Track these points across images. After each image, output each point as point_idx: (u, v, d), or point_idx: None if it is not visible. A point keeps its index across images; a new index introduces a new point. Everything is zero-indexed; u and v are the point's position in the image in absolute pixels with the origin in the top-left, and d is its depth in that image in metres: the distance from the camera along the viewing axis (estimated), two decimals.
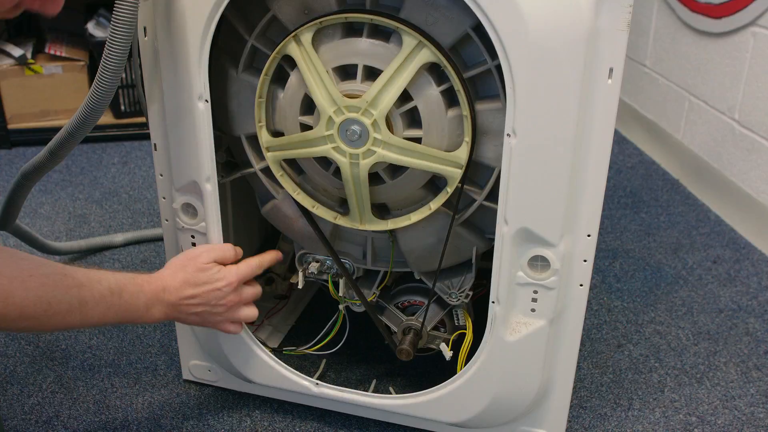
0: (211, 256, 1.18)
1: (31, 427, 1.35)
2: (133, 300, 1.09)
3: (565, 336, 1.17)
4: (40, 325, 1.00)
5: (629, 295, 1.75)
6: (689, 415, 1.41)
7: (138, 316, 1.11)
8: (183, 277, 1.15)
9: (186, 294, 1.15)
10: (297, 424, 1.37)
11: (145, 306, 1.11)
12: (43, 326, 1.00)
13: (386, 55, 1.05)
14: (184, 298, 1.15)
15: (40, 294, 0.97)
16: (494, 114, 1.06)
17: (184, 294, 1.15)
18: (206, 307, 1.17)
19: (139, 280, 1.12)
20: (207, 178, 1.17)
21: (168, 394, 1.43)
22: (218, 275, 1.17)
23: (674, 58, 2.33)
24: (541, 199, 1.05)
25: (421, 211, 1.14)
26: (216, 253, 1.19)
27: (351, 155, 1.09)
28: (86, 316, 1.03)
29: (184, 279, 1.15)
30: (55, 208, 2.07)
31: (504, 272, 1.11)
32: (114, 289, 1.07)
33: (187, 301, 1.15)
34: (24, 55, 2.38)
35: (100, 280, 1.05)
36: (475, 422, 1.25)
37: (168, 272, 1.16)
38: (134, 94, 2.47)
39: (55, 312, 0.99)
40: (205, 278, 1.16)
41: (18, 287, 0.95)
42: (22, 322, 0.97)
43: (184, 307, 1.15)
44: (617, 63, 0.98)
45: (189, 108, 1.13)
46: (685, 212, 2.12)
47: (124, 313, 1.09)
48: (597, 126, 1.01)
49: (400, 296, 1.32)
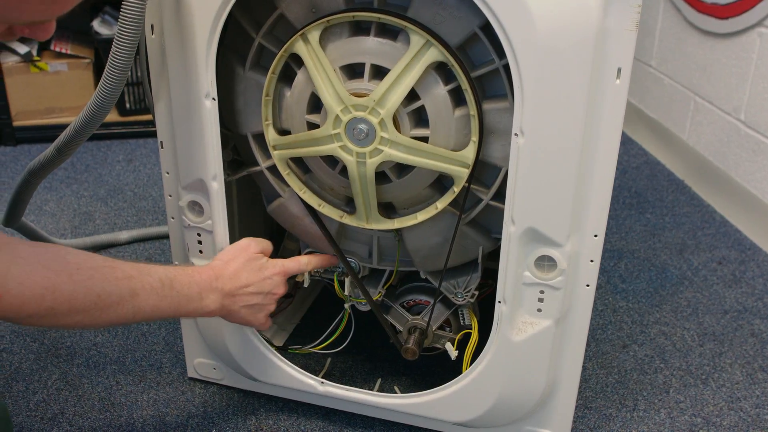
0: (259, 247, 1.18)
1: (37, 423, 1.35)
2: (186, 290, 1.07)
3: (571, 336, 1.17)
4: (92, 319, 0.98)
5: (634, 295, 1.75)
6: (694, 416, 1.41)
7: (192, 308, 1.09)
8: (235, 266, 1.14)
9: (241, 282, 1.13)
10: (302, 423, 1.36)
11: (199, 295, 1.09)
12: (95, 320, 0.98)
13: (394, 54, 1.05)
14: (239, 287, 1.13)
15: (89, 286, 0.96)
16: (501, 113, 1.06)
17: (240, 282, 1.13)
18: (259, 298, 1.16)
19: (189, 270, 1.10)
20: (213, 176, 1.17)
21: (173, 391, 1.43)
22: (269, 264, 1.17)
23: (680, 58, 2.32)
24: (549, 199, 1.04)
25: (428, 211, 1.14)
26: (263, 245, 1.19)
27: (358, 154, 1.09)
28: (138, 309, 1.01)
29: (237, 267, 1.14)
30: (60, 206, 2.07)
31: (510, 272, 1.11)
32: (164, 280, 1.05)
33: (243, 290, 1.14)
34: (30, 53, 2.38)
35: (149, 272, 1.04)
36: (481, 422, 1.25)
37: (219, 262, 1.15)
38: (139, 92, 2.47)
39: (105, 305, 0.97)
40: (258, 266, 1.16)
41: (65, 280, 0.94)
42: (73, 316, 0.96)
43: (239, 297, 1.14)
44: (625, 63, 0.98)
45: (196, 106, 1.13)
46: (690, 213, 2.12)
47: (177, 303, 1.06)
48: (604, 126, 1.01)
49: (405, 295, 1.32)
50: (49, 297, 0.92)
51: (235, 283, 1.13)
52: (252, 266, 1.16)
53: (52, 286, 0.93)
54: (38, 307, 0.92)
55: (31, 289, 0.91)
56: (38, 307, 0.92)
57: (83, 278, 0.96)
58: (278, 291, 1.19)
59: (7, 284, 0.89)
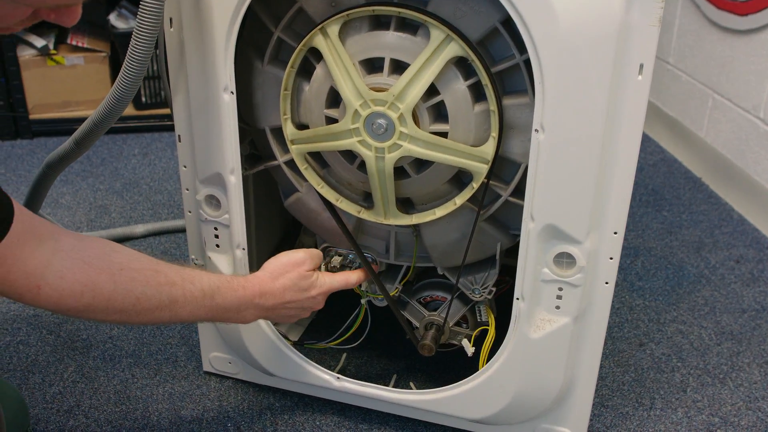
0: (314, 263, 1.16)
1: (53, 415, 1.35)
2: (226, 303, 1.06)
3: (589, 334, 1.16)
4: (129, 318, 0.97)
5: (651, 293, 1.74)
6: (712, 415, 1.40)
7: (229, 317, 1.09)
8: (284, 283, 1.12)
9: (286, 300, 1.12)
10: (317, 418, 1.36)
11: (238, 309, 1.08)
12: (131, 320, 0.98)
13: (413, 49, 1.04)
14: (283, 303, 1.13)
15: (129, 288, 0.95)
16: (521, 109, 1.05)
17: (284, 300, 1.12)
18: (298, 311, 1.16)
19: (234, 283, 1.08)
20: (231, 170, 1.17)
21: (188, 385, 1.43)
22: (317, 283, 1.16)
23: (698, 55, 2.30)
24: (568, 196, 1.04)
25: (446, 206, 1.13)
26: (316, 261, 1.17)
27: (376, 149, 1.08)
28: (176, 314, 1.01)
29: (284, 285, 1.12)
30: (76, 199, 2.08)
31: (529, 269, 1.10)
32: (207, 292, 1.03)
33: (285, 305, 1.13)
34: (46, 46, 2.38)
35: (193, 281, 1.02)
36: (497, 419, 1.25)
37: (267, 276, 1.12)
38: (155, 86, 2.47)
39: (143, 308, 0.97)
40: (307, 285, 1.14)
41: (106, 280, 0.93)
42: (110, 315, 0.95)
43: (279, 311, 1.13)
44: (648, 59, 0.97)
45: (214, 100, 1.12)
46: (707, 211, 2.10)
47: (215, 313, 1.06)
48: (626, 122, 1.00)
49: (422, 291, 1.31)
50: (88, 294, 0.92)
51: (279, 300, 1.12)
52: (300, 285, 1.14)
53: (92, 284, 0.92)
54: (76, 303, 0.91)
55: (70, 285, 0.90)
56: (76, 303, 0.91)
57: (125, 279, 0.95)
58: (318, 307, 1.19)
59: (46, 276, 0.89)
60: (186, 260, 1.80)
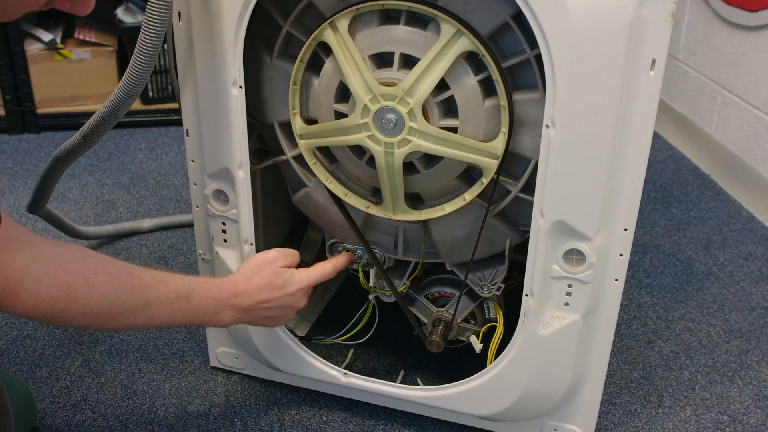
0: (286, 261, 1.16)
1: (60, 410, 1.35)
2: (202, 304, 1.07)
3: (598, 331, 1.16)
4: (104, 324, 0.98)
5: (659, 290, 1.73)
6: (721, 413, 1.39)
7: (206, 321, 1.09)
8: (258, 282, 1.12)
9: (261, 299, 1.12)
10: (324, 414, 1.36)
11: (214, 311, 1.09)
12: (107, 325, 0.98)
13: (423, 43, 1.03)
14: (258, 302, 1.12)
15: (104, 292, 0.95)
16: (532, 104, 1.04)
17: (259, 299, 1.12)
18: (279, 311, 1.15)
19: (209, 284, 1.09)
20: (239, 165, 1.17)
21: (195, 380, 1.43)
22: (293, 279, 1.15)
23: (707, 51, 2.29)
24: (579, 192, 1.03)
25: (455, 202, 1.13)
26: (290, 259, 1.17)
27: (386, 144, 1.07)
28: (151, 318, 1.01)
29: (259, 284, 1.12)
30: (82, 193, 2.08)
31: (538, 265, 1.09)
32: (181, 293, 1.04)
33: (262, 305, 1.13)
34: (53, 40, 2.38)
35: (167, 283, 1.03)
36: (504, 416, 1.24)
37: (241, 276, 1.13)
38: (163, 81, 2.47)
39: (118, 312, 0.97)
40: (281, 282, 1.14)
41: (81, 284, 0.93)
42: (85, 320, 0.96)
43: (257, 312, 1.13)
44: (660, 54, 0.96)
45: (223, 94, 1.12)
46: (716, 208, 2.09)
47: (191, 316, 1.06)
48: (637, 118, 0.99)
49: (430, 287, 1.31)
50: (63, 299, 0.92)
51: (254, 299, 1.12)
52: (275, 283, 1.13)
53: (68, 289, 0.92)
54: (51, 309, 0.92)
55: (47, 290, 0.91)
56: (51, 309, 0.92)
57: (99, 284, 0.95)
58: (299, 305, 1.17)
59: (24, 283, 0.89)
60: (193, 255, 1.80)
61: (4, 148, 2.34)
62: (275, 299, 1.14)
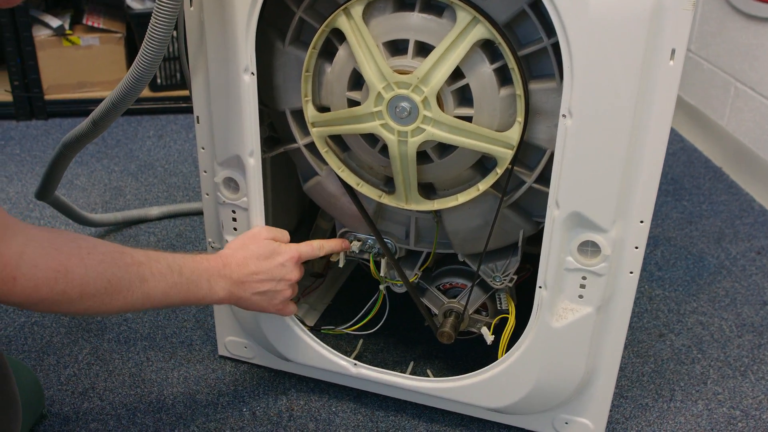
0: (270, 234, 1.17)
1: (68, 397, 1.35)
2: (195, 276, 1.07)
3: (611, 324, 1.14)
4: (103, 305, 0.97)
5: (671, 283, 1.72)
6: (733, 408, 1.38)
7: (202, 294, 1.09)
8: (244, 253, 1.13)
9: (250, 269, 1.13)
10: (333, 404, 1.35)
11: (208, 282, 1.09)
12: (105, 306, 0.97)
13: (439, 31, 1.02)
14: (248, 274, 1.12)
15: (100, 271, 0.95)
16: (548, 94, 1.03)
17: (249, 269, 1.12)
18: (271, 284, 1.14)
19: (198, 258, 1.10)
20: (251, 153, 1.15)
21: (203, 369, 1.42)
22: (281, 249, 1.15)
23: (721, 42, 2.27)
24: (595, 183, 1.02)
25: (469, 192, 1.11)
26: (274, 232, 1.18)
27: (399, 133, 1.06)
28: (149, 296, 1.01)
29: (245, 255, 1.13)
30: (90, 180, 2.07)
31: (553, 257, 1.08)
32: (174, 267, 1.04)
33: (252, 277, 1.13)
34: (62, 26, 2.37)
35: (158, 259, 1.03)
36: (515, 409, 1.23)
37: (228, 251, 1.14)
38: (171, 68, 2.46)
39: (115, 290, 0.97)
40: (269, 251, 1.14)
41: (77, 264, 0.93)
42: (84, 301, 0.95)
43: (249, 285, 1.13)
44: (680, 44, 0.94)
45: (234, 80, 1.11)
46: (728, 201, 2.07)
47: (186, 290, 1.06)
48: (656, 109, 0.98)
49: (441, 278, 1.29)
50: (61, 280, 0.91)
51: (243, 270, 1.12)
52: (261, 253, 1.14)
53: (65, 270, 0.92)
54: (50, 291, 0.91)
55: (44, 272, 0.90)
56: (50, 291, 0.91)
57: (94, 262, 0.95)
58: (291, 277, 1.17)
59: (21, 267, 0.88)
60: (201, 243, 1.79)
61: (12, 134, 2.33)
62: (265, 270, 1.13)
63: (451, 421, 1.33)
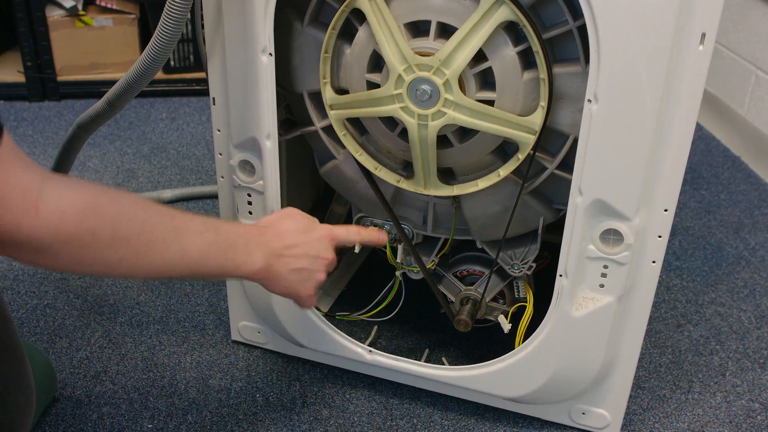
0: (304, 215, 1.10)
1: (80, 381, 1.34)
2: (232, 237, 0.96)
3: (632, 314, 1.13)
4: (137, 258, 0.84)
5: (689, 273, 1.69)
6: (752, 401, 1.36)
7: (240, 261, 0.97)
8: (282, 226, 1.06)
9: (288, 241, 1.04)
10: (347, 391, 1.34)
11: (246, 247, 0.98)
12: (140, 260, 0.84)
13: (462, 12, 0.99)
14: (286, 246, 1.04)
15: (133, 212, 0.83)
16: (573, 78, 1.00)
17: (286, 241, 1.04)
18: (307, 261, 1.06)
19: (233, 222, 1.01)
20: (267, 135, 1.13)
21: (216, 354, 1.41)
22: (317, 226, 1.09)
23: (741, 30, 2.23)
24: (619, 170, 0.99)
25: (489, 178, 1.09)
26: (308, 216, 1.11)
27: (419, 116, 1.04)
28: (186, 252, 0.89)
29: (284, 228, 1.05)
30: (103, 162, 2.06)
31: (574, 245, 1.06)
32: (209, 225, 0.93)
33: (290, 250, 1.04)
34: (75, 7, 2.35)
35: (191, 216, 0.92)
36: (532, 398, 1.22)
37: (264, 221, 1.07)
38: (185, 50, 2.44)
39: (149, 239, 0.84)
40: (305, 227, 1.07)
41: (107, 202, 0.80)
42: (117, 247, 0.81)
43: (285, 259, 1.04)
44: (710, 28, 0.92)
45: (252, 61, 1.09)
46: (746, 191, 2.04)
47: (224, 253, 0.95)
48: (684, 95, 0.95)
49: (458, 265, 1.28)
50: (91, 215, 0.78)
51: (282, 241, 1.04)
52: (299, 226, 1.07)
53: (93, 205, 0.79)
54: (78, 228, 0.77)
55: (72, 204, 0.77)
56: (78, 228, 0.77)
57: (126, 203, 0.83)
58: (327, 255, 1.09)
59: (44, 194, 0.74)
60: None
61: (24, 115, 2.31)
62: (302, 244, 1.05)
63: (466, 409, 1.31)
